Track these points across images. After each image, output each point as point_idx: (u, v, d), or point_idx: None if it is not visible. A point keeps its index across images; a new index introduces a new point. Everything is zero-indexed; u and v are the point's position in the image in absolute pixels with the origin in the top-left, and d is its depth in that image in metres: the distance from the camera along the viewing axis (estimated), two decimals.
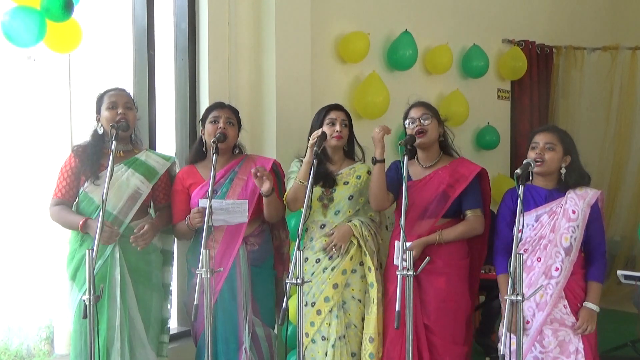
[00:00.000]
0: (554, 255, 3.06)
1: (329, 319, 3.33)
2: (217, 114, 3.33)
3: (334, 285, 3.32)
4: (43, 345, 3.90)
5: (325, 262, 3.36)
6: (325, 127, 3.37)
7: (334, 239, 3.33)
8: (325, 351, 3.33)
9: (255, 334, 3.29)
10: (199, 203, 3.24)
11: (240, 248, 3.26)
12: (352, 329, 3.37)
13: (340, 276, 3.34)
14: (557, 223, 3.08)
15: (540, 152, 3.08)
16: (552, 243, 3.07)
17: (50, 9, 3.04)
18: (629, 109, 6.37)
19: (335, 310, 3.33)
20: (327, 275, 3.34)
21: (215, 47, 3.99)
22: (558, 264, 3.05)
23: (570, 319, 3.05)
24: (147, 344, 3.18)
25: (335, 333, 3.32)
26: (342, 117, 3.41)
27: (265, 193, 3.19)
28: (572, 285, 3.07)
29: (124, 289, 3.10)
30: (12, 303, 3.81)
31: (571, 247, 3.05)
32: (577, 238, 3.06)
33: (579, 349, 3.03)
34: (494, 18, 5.74)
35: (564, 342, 3.06)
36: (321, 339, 3.35)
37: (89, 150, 3.16)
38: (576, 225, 3.05)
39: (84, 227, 3.05)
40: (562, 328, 3.06)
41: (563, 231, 3.06)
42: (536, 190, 3.15)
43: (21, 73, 3.79)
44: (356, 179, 3.42)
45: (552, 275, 3.06)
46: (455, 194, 3.25)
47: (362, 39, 4.59)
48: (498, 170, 5.67)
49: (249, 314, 3.27)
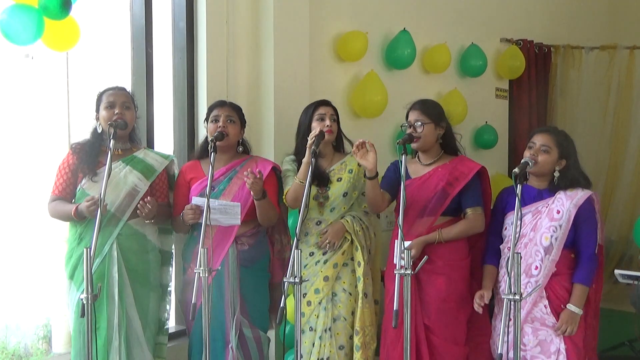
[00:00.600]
0: (534, 254, 3.07)
1: (317, 311, 3.38)
2: (217, 112, 3.34)
3: (324, 277, 3.37)
4: (41, 344, 3.90)
5: (318, 256, 3.41)
6: (315, 123, 3.40)
7: (328, 236, 3.38)
8: (312, 342, 3.38)
9: (242, 334, 3.30)
10: (192, 200, 3.25)
11: (230, 247, 3.27)
12: (341, 321, 3.40)
13: (332, 269, 3.39)
14: (538, 222, 3.09)
15: (534, 153, 3.09)
16: (532, 242, 3.08)
17: (48, 7, 3.03)
18: (627, 108, 6.37)
19: (324, 303, 3.38)
20: (319, 268, 3.39)
21: (213, 45, 3.98)
22: (537, 262, 3.06)
23: (551, 319, 3.05)
24: (144, 343, 3.18)
25: (322, 325, 3.36)
26: (331, 112, 3.46)
27: (255, 197, 3.20)
28: (554, 286, 3.07)
29: (121, 288, 3.10)
30: (10, 302, 3.81)
31: (551, 247, 3.04)
32: (559, 238, 3.04)
33: (560, 350, 3.03)
34: (492, 17, 5.74)
35: (545, 342, 3.07)
36: (309, 330, 3.39)
37: (87, 147, 3.16)
38: (558, 225, 3.04)
39: (77, 213, 3.04)
40: (542, 327, 3.07)
41: (544, 230, 3.07)
42: (527, 190, 3.15)
43: (19, 71, 3.78)
44: (348, 173, 3.45)
45: (532, 274, 3.07)
46: (455, 192, 3.25)
47: (360, 37, 4.58)
48: (496, 169, 5.67)
49: (237, 313, 3.27)
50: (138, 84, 3.86)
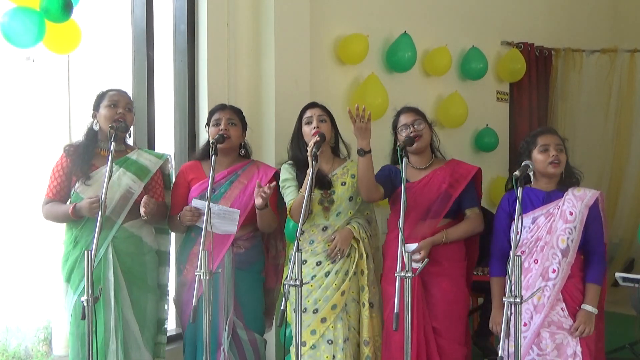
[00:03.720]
0: (551, 257, 3.06)
1: (334, 323, 3.29)
2: (218, 116, 3.35)
3: (342, 293, 3.29)
4: (41, 346, 3.90)
5: (327, 266, 3.32)
6: (305, 127, 3.37)
7: (337, 243, 3.30)
8: (332, 354, 3.27)
9: (237, 335, 3.29)
10: (192, 202, 3.25)
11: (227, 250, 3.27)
12: (351, 331, 3.36)
13: (348, 283, 3.30)
14: (553, 225, 3.08)
15: (556, 153, 3.07)
16: (549, 245, 3.07)
17: (50, 9, 3.04)
18: (628, 112, 6.37)
19: (340, 313, 3.30)
20: (331, 280, 3.30)
21: (215, 48, 3.99)
22: (555, 265, 3.05)
23: (568, 322, 3.04)
24: (142, 345, 3.17)
25: (342, 335, 3.28)
26: (318, 113, 3.38)
27: (258, 207, 3.20)
28: (569, 288, 3.07)
29: (117, 291, 3.09)
30: (10, 304, 3.81)
31: (568, 249, 3.04)
32: (575, 240, 3.05)
33: (576, 352, 3.01)
34: (492, 20, 5.75)
35: (562, 345, 3.05)
36: (327, 343, 3.28)
37: (80, 150, 3.14)
38: (573, 227, 3.04)
39: (75, 211, 3.02)
40: (559, 331, 3.05)
41: (560, 233, 3.06)
42: (534, 193, 3.15)
43: (20, 74, 3.79)
44: (351, 178, 3.40)
45: (549, 277, 3.05)
46: (457, 193, 3.28)
47: (361, 40, 4.59)
48: (497, 172, 5.67)
49: (230, 315, 3.27)
50: (139, 87, 3.87)
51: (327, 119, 3.41)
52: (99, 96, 3.20)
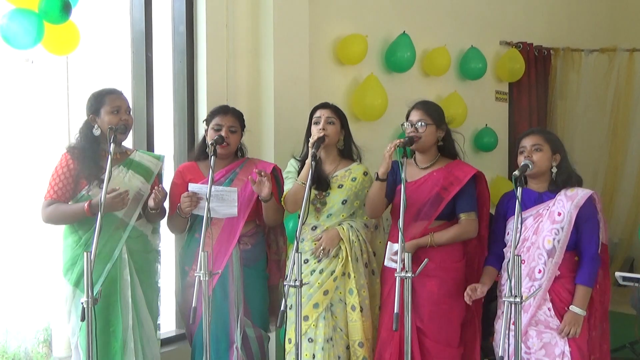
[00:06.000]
0: (537, 258, 3.06)
1: (316, 321, 3.31)
2: (219, 121, 3.31)
3: (324, 292, 3.31)
4: (41, 348, 3.89)
5: (313, 265, 3.34)
6: (313, 127, 3.36)
7: (322, 242, 3.32)
8: (312, 353, 3.30)
9: (245, 334, 3.30)
10: (189, 187, 3.21)
11: (233, 248, 3.27)
12: (337, 332, 3.35)
13: (332, 283, 3.31)
14: (540, 225, 3.08)
15: (528, 154, 3.08)
16: (535, 245, 3.07)
17: (48, 11, 3.04)
18: (626, 111, 6.38)
19: (323, 312, 3.31)
20: (315, 279, 3.31)
21: (213, 49, 3.99)
22: (541, 266, 3.05)
23: (555, 322, 3.04)
24: (155, 341, 3.23)
25: (323, 335, 3.29)
26: (327, 115, 3.36)
27: (264, 198, 3.20)
28: (557, 288, 3.05)
29: (134, 290, 3.13)
30: (10, 306, 3.80)
31: (554, 250, 3.03)
32: (561, 240, 3.03)
33: (565, 352, 3.01)
34: (491, 20, 5.75)
35: (550, 345, 3.05)
36: (308, 341, 3.31)
37: (86, 152, 3.11)
38: (560, 228, 3.03)
39: (91, 208, 2.97)
40: (546, 330, 3.06)
41: (546, 233, 3.05)
42: (527, 194, 3.14)
43: (19, 75, 3.78)
44: (351, 181, 3.39)
45: (536, 278, 3.05)
46: (449, 197, 3.21)
47: (360, 41, 4.59)
48: (496, 172, 5.67)
49: (241, 313, 3.27)
50: (138, 88, 3.87)
51: (336, 121, 3.38)
52: (96, 99, 3.14)
